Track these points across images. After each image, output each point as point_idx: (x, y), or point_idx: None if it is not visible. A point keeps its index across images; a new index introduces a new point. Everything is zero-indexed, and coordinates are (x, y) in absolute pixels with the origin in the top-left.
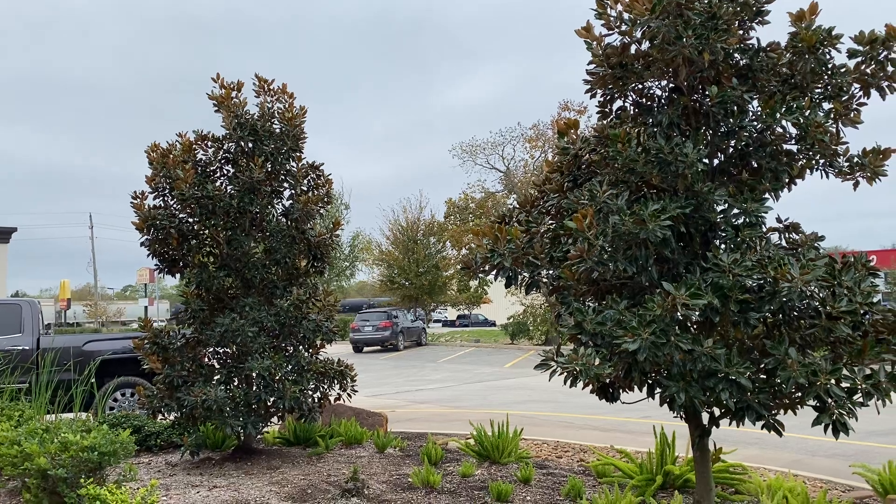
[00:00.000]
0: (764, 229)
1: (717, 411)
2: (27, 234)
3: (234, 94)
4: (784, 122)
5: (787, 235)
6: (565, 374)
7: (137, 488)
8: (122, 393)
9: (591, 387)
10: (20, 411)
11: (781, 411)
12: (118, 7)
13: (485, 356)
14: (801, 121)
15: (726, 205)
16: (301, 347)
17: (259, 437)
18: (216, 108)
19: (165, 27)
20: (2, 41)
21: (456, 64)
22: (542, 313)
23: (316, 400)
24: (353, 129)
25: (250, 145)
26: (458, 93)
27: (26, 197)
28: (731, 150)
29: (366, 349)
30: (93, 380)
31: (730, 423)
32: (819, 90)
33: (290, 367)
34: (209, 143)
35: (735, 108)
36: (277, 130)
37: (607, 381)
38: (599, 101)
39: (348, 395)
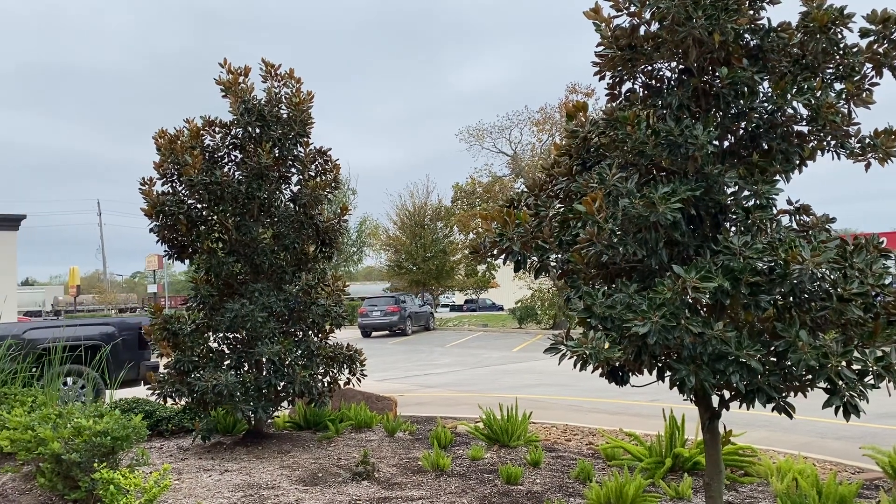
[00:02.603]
0: (774, 211)
1: (727, 394)
2: (36, 222)
3: (241, 79)
4: (795, 103)
5: (797, 217)
6: (575, 357)
7: (150, 472)
8: (65, 382)
9: (600, 370)
10: (33, 397)
11: (792, 394)
12: None
13: (493, 340)
14: (813, 102)
15: (737, 187)
16: (310, 332)
17: (269, 421)
18: (223, 94)
19: (174, 14)
20: (11, 29)
21: (463, 48)
22: (550, 297)
23: (326, 384)
24: (359, 114)
25: (258, 131)
26: (464, 77)
27: (35, 184)
28: (741, 131)
29: (374, 334)
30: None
31: (740, 406)
32: (830, 70)
33: (299, 351)
34: (217, 129)
35: (745, 89)
36: (285, 115)
37: (617, 364)
38: (608, 84)
39: (358, 379)
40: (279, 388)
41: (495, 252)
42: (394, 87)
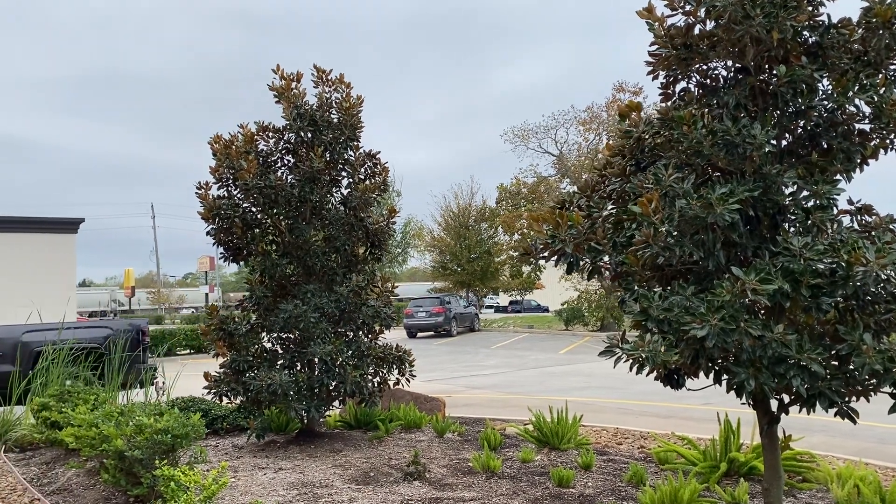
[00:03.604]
0: (835, 212)
1: (786, 398)
2: (94, 225)
3: (293, 84)
4: (857, 101)
5: (859, 218)
6: (631, 360)
7: (208, 470)
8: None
9: (655, 374)
10: (95, 395)
11: (854, 398)
12: (179, 4)
13: (539, 342)
14: (876, 99)
15: (795, 187)
16: (361, 333)
17: (321, 420)
18: (277, 100)
19: (223, 23)
20: (71, 41)
21: (505, 49)
22: (598, 299)
23: (376, 384)
24: (402, 115)
25: (310, 135)
26: (507, 78)
27: (92, 188)
28: (800, 130)
29: (419, 335)
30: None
31: (800, 411)
32: (894, 67)
33: (350, 352)
34: (270, 134)
35: (804, 87)
36: (335, 120)
37: (673, 367)
38: (662, 83)
39: (407, 380)
40: (331, 388)
41: (547, 254)
42: (437, 89)
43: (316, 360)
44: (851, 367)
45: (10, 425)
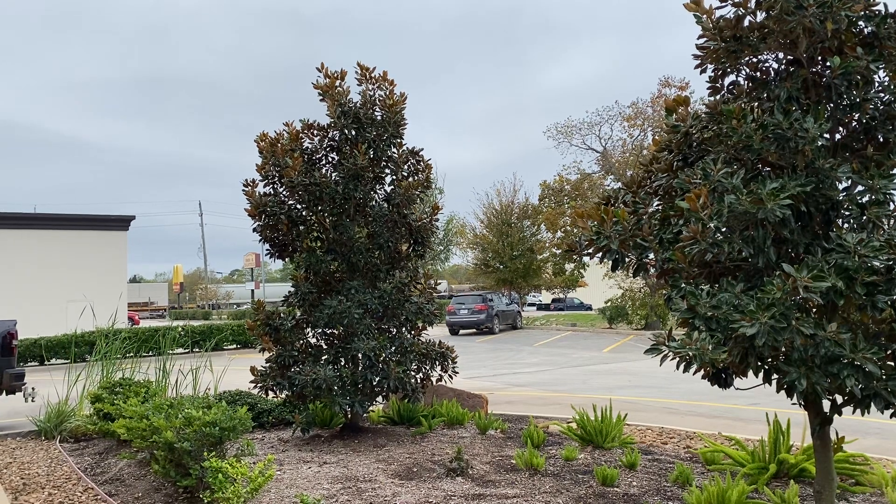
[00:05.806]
0: (892, 207)
1: (839, 399)
2: (144, 222)
3: (337, 82)
4: None
5: None
6: (678, 359)
7: (254, 462)
8: None
9: (702, 372)
10: (145, 388)
11: None
12: (225, 7)
13: (582, 340)
14: None
15: (850, 182)
16: (404, 329)
17: (364, 415)
18: (321, 98)
19: (267, 23)
20: (122, 45)
21: (548, 46)
22: (642, 297)
23: (419, 380)
24: (446, 113)
25: (353, 133)
26: (551, 75)
27: (142, 187)
28: (854, 123)
29: (461, 332)
30: None
31: (853, 412)
32: None
33: (393, 348)
34: (314, 132)
35: (860, 79)
36: (379, 117)
37: (721, 366)
38: (710, 77)
39: (450, 376)
40: (374, 384)
41: (592, 251)
42: (481, 87)
43: (360, 355)
44: None
45: (66, 416)
